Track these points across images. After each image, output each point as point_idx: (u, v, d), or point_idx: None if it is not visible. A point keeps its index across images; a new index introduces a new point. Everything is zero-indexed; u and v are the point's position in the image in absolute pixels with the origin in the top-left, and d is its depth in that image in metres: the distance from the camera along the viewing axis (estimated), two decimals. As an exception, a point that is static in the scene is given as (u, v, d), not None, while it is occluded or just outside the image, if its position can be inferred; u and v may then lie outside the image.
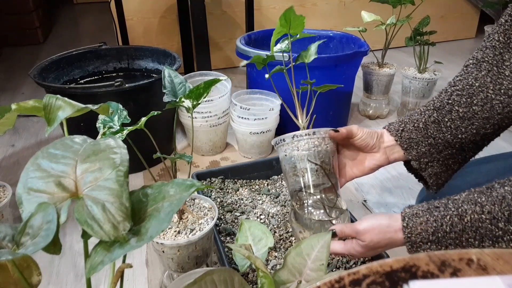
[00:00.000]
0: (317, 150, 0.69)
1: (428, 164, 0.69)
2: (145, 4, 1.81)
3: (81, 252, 0.93)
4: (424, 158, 0.68)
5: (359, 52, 1.30)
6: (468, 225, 0.53)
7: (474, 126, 0.64)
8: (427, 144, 0.67)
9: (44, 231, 0.34)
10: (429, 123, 0.67)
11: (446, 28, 2.38)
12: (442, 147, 0.67)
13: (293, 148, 0.69)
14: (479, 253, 0.32)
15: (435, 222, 0.55)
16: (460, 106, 0.64)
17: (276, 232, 0.85)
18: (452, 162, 0.69)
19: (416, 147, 0.68)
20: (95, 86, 1.05)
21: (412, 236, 0.57)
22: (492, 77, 0.61)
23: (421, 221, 0.57)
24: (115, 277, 0.39)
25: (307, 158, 0.68)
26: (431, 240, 0.56)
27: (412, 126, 0.68)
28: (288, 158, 0.70)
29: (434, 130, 0.66)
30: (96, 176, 0.37)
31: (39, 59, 2.20)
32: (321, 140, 0.69)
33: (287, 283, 0.49)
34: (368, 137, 0.70)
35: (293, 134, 0.69)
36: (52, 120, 0.46)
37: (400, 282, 0.30)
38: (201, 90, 0.71)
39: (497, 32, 0.62)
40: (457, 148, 0.67)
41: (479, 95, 0.62)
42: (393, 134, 0.69)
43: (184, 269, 0.74)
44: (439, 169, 0.69)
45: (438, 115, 0.66)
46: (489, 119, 0.63)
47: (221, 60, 2.04)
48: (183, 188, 0.40)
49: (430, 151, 0.68)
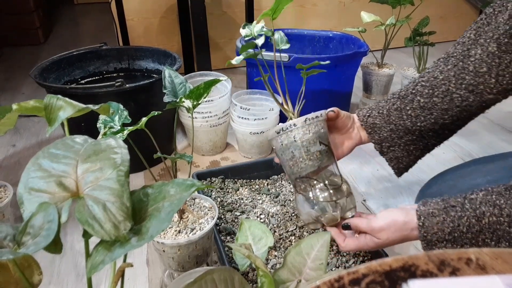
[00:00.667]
0: (324, 131, 0.71)
1: (389, 149, 0.74)
2: (145, 4, 1.81)
3: (82, 251, 0.93)
4: (385, 143, 0.73)
5: (359, 53, 1.30)
6: (486, 226, 0.53)
7: (433, 116, 0.67)
8: (388, 130, 0.72)
9: (45, 231, 0.35)
10: (392, 110, 0.71)
11: (445, 29, 2.38)
12: (402, 133, 0.71)
13: (304, 132, 0.69)
14: (478, 253, 0.32)
15: (452, 223, 0.55)
16: (422, 96, 0.68)
17: (276, 231, 0.85)
18: (413, 148, 0.73)
19: (378, 132, 0.73)
20: (95, 87, 1.05)
21: (428, 236, 0.57)
22: (456, 72, 0.64)
23: (438, 220, 0.57)
24: (116, 277, 0.39)
25: (319, 141, 0.69)
26: (447, 239, 0.56)
27: (377, 112, 0.73)
28: (299, 142, 0.68)
29: (395, 117, 0.71)
30: (97, 176, 0.37)
31: (39, 59, 2.21)
32: (323, 122, 0.71)
33: (287, 282, 0.49)
34: (347, 119, 0.76)
35: (305, 118, 0.69)
36: (53, 120, 0.46)
37: (399, 281, 0.30)
38: (201, 90, 0.71)
39: (470, 29, 0.65)
40: (417, 135, 0.71)
41: (441, 88, 0.65)
42: (360, 119, 0.75)
43: (185, 268, 0.74)
44: (400, 153, 0.74)
45: (401, 103, 0.70)
46: (447, 111, 0.66)
47: (221, 60, 2.04)
48: (183, 188, 0.40)
49: (391, 136, 0.72)
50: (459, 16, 2.41)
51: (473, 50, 0.62)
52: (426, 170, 1.18)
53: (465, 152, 1.29)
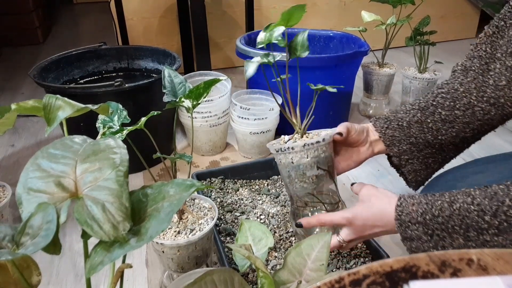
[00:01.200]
0: (325, 155, 0.68)
1: (408, 161, 0.72)
2: (145, 4, 1.81)
3: (81, 252, 0.93)
4: (404, 155, 0.72)
5: (359, 52, 1.30)
6: (456, 212, 0.54)
7: (454, 129, 0.67)
8: (408, 143, 0.70)
9: (44, 231, 0.34)
10: (412, 122, 0.69)
11: (446, 28, 2.38)
12: (422, 146, 0.70)
13: (302, 156, 0.68)
14: (479, 253, 0.32)
15: (426, 205, 0.57)
16: (443, 108, 0.66)
17: (276, 232, 0.85)
18: (432, 161, 0.72)
19: (398, 144, 0.71)
20: (95, 86, 1.05)
21: (402, 215, 0.59)
22: (476, 84, 0.64)
23: (414, 202, 0.59)
24: (115, 277, 0.39)
25: (316, 166, 0.68)
26: (419, 222, 0.57)
27: (396, 124, 0.71)
28: (295, 165, 0.69)
29: (416, 130, 0.69)
30: (96, 176, 0.37)
31: (39, 59, 2.20)
32: (328, 145, 0.69)
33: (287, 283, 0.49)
34: (359, 132, 0.73)
35: (304, 143, 0.67)
36: (52, 120, 0.46)
37: (400, 282, 0.30)
38: (201, 90, 0.71)
39: (484, 43, 0.65)
40: (437, 148, 0.70)
41: (462, 100, 0.65)
42: (378, 131, 0.73)
43: (184, 269, 0.74)
44: (419, 166, 0.72)
45: (421, 115, 0.69)
46: (469, 124, 0.65)
47: (221, 60, 2.04)
48: (183, 188, 0.40)
49: (411, 149, 0.71)
50: (460, 16, 2.41)
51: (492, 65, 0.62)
52: (426, 170, 1.18)
53: (466, 152, 1.28)
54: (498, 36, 0.64)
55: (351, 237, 0.65)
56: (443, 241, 0.56)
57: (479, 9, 2.42)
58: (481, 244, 0.53)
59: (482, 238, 0.53)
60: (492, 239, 0.52)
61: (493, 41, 0.64)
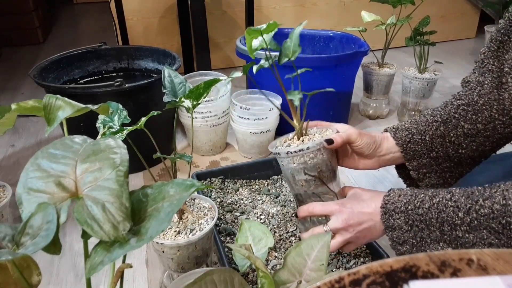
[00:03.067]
0: (313, 162, 0.67)
1: (426, 175, 0.70)
2: (145, 4, 1.81)
3: (81, 252, 0.93)
4: (423, 169, 0.70)
5: (359, 52, 1.30)
6: (434, 206, 0.57)
7: (475, 143, 0.66)
8: (429, 157, 0.69)
9: (44, 231, 0.34)
10: (435, 136, 0.67)
11: (446, 28, 2.38)
12: (442, 160, 0.69)
13: (289, 161, 0.68)
14: (479, 253, 0.32)
15: (411, 196, 0.60)
16: (466, 122, 0.65)
17: (276, 232, 0.85)
18: (449, 175, 0.71)
19: (418, 158, 0.69)
20: (95, 86, 1.05)
21: (388, 204, 0.61)
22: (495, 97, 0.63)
23: (400, 193, 0.61)
24: (115, 277, 0.39)
25: (304, 171, 0.68)
26: (402, 211, 0.59)
27: (419, 138, 0.68)
28: (286, 169, 0.70)
29: (438, 144, 0.68)
30: (96, 176, 0.37)
31: (39, 59, 2.20)
32: (316, 152, 0.67)
33: (287, 283, 0.49)
34: (365, 147, 0.70)
35: (287, 150, 0.67)
36: (52, 120, 0.46)
37: (400, 282, 0.30)
38: (201, 90, 0.71)
39: (490, 57, 0.65)
40: (455, 162, 0.69)
41: (483, 113, 0.64)
42: (399, 145, 0.70)
43: (184, 269, 0.74)
44: (436, 181, 0.71)
45: (444, 129, 0.67)
46: (489, 138, 0.65)
47: (221, 60, 2.04)
48: (183, 188, 0.40)
49: (430, 163, 0.69)
50: (460, 16, 2.41)
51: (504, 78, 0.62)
52: (426, 170, 1.18)
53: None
54: (503, 50, 0.63)
55: (338, 225, 0.65)
56: (421, 233, 0.58)
57: (479, 9, 2.42)
58: (454, 239, 0.55)
59: (454, 234, 0.55)
60: (464, 235, 0.54)
61: (498, 55, 0.64)
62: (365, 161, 0.73)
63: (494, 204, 0.52)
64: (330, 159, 0.70)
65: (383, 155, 0.71)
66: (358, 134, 0.69)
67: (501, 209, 0.51)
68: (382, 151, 0.71)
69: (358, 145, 0.69)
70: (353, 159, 0.74)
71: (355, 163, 0.74)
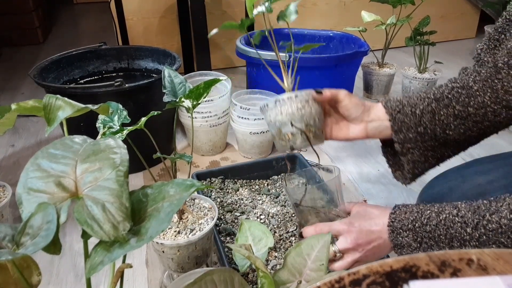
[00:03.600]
0: (300, 114, 0.67)
1: (409, 150, 0.70)
2: (145, 4, 1.81)
3: (81, 252, 0.93)
4: (408, 143, 0.69)
5: (359, 52, 1.30)
6: (442, 222, 0.57)
7: (463, 127, 0.66)
8: (416, 131, 0.68)
9: (44, 231, 0.34)
10: (426, 111, 0.67)
11: (446, 28, 2.38)
12: (428, 137, 0.68)
13: (276, 113, 0.68)
14: (479, 253, 0.32)
15: (417, 213, 0.60)
16: (458, 103, 0.66)
17: (276, 232, 0.85)
18: (431, 154, 0.70)
19: (405, 131, 0.69)
20: (95, 86, 1.05)
21: (395, 222, 0.61)
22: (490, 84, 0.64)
23: (406, 210, 0.62)
24: (115, 277, 0.39)
25: (291, 123, 0.67)
26: (409, 228, 0.60)
27: (409, 110, 0.68)
28: (273, 123, 0.69)
29: (427, 119, 0.67)
30: (96, 176, 0.37)
31: (39, 59, 2.20)
32: (304, 102, 0.67)
33: (287, 283, 0.49)
34: (353, 108, 0.69)
35: (275, 99, 0.67)
36: (52, 120, 0.46)
37: (400, 282, 0.30)
38: (201, 90, 0.71)
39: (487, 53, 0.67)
40: (441, 143, 0.69)
41: (476, 98, 0.64)
42: (388, 113, 0.69)
43: (184, 269, 0.74)
44: (418, 158, 0.70)
45: (436, 106, 0.67)
46: (478, 123, 0.65)
47: (221, 60, 2.04)
48: (183, 188, 0.40)
49: (416, 138, 0.69)
50: (460, 16, 2.41)
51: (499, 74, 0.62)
52: (426, 170, 1.18)
53: (466, 152, 1.28)
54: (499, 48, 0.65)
55: (347, 245, 0.64)
56: (431, 249, 0.59)
57: (479, 9, 2.42)
58: None
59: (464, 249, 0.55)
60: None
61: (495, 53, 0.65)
62: (353, 128, 0.71)
63: (502, 218, 0.53)
64: (318, 115, 0.69)
65: (371, 120, 0.70)
66: (347, 94, 0.69)
67: (509, 224, 0.52)
68: (371, 116, 0.70)
69: (346, 104, 0.69)
70: (342, 127, 0.73)
71: (344, 132, 0.73)
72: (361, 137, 0.72)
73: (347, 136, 0.72)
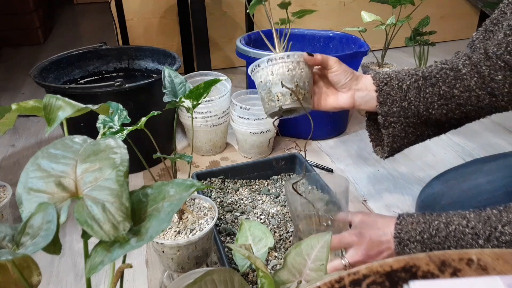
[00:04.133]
0: (291, 74, 0.68)
1: (391, 124, 0.71)
2: (145, 4, 1.81)
3: (81, 252, 0.93)
4: (391, 117, 0.70)
5: (359, 52, 1.30)
6: (452, 234, 0.56)
7: (446, 107, 0.67)
8: (400, 106, 0.69)
9: (44, 231, 0.34)
10: (412, 87, 0.68)
11: (446, 28, 2.38)
12: (410, 114, 0.69)
13: (267, 73, 0.69)
14: (479, 253, 0.32)
15: (424, 224, 0.59)
16: (445, 83, 0.66)
17: (276, 232, 0.85)
18: (411, 131, 0.71)
19: (390, 104, 0.70)
20: (95, 86, 1.05)
21: (401, 233, 0.60)
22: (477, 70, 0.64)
23: (413, 220, 0.60)
24: (115, 277, 0.39)
25: (281, 82, 0.68)
26: (417, 240, 0.59)
27: (396, 83, 0.69)
28: (263, 83, 0.70)
29: (413, 95, 0.68)
30: (96, 176, 0.37)
31: (39, 59, 2.20)
32: (296, 64, 0.69)
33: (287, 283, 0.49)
34: (342, 74, 0.71)
35: (268, 58, 0.68)
36: (52, 120, 0.46)
37: (400, 282, 0.30)
38: (201, 90, 0.71)
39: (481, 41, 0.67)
40: (422, 121, 0.70)
41: (463, 81, 0.65)
42: (376, 84, 0.70)
43: (184, 269, 0.74)
44: (399, 133, 0.71)
45: (423, 83, 0.68)
46: (460, 106, 0.66)
47: (221, 60, 2.04)
48: (183, 188, 0.40)
49: (399, 113, 0.70)
50: (460, 16, 2.41)
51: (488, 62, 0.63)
52: (426, 170, 1.18)
53: (465, 152, 1.29)
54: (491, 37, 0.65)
55: (358, 257, 0.64)
56: None
57: (478, 9, 2.42)
58: None
59: None
60: None
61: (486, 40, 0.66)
62: (341, 96, 0.73)
63: None
64: (308, 78, 0.70)
65: (359, 89, 0.71)
66: (336, 60, 0.71)
67: None
68: (359, 85, 0.72)
69: (335, 70, 0.71)
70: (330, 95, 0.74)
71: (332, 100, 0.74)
72: (348, 106, 0.73)
73: (335, 104, 0.73)
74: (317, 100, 0.74)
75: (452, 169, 0.83)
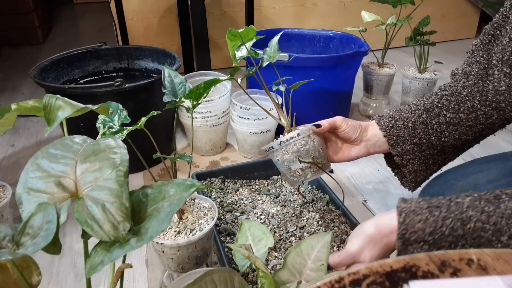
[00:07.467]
0: (305, 149, 0.71)
1: (409, 161, 0.72)
2: (145, 4, 1.81)
3: (81, 252, 0.93)
4: (407, 155, 0.72)
5: (359, 52, 1.30)
6: (470, 231, 0.51)
7: (457, 132, 0.67)
8: (412, 143, 0.71)
9: (44, 231, 0.34)
10: (417, 123, 0.70)
11: (446, 28, 2.38)
12: (425, 147, 0.71)
13: (283, 153, 0.72)
14: (479, 253, 0.32)
15: (435, 223, 0.52)
16: (448, 111, 0.67)
17: (276, 232, 0.85)
18: (432, 162, 0.73)
19: (401, 144, 0.71)
20: (95, 86, 1.05)
21: (406, 234, 0.54)
22: (478, 88, 0.65)
23: (420, 219, 0.53)
24: (115, 277, 0.39)
25: (298, 159, 0.71)
26: (426, 241, 0.53)
27: (401, 123, 0.71)
28: (281, 162, 0.74)
29: (421, 130, 0.70)
30: (96, 176, 0.37)
31: (39, 59, 2.20)
32: (307, 138, 0.72)
33: (287, 283, 0.49)
34: (351, 131, 0.73)
35: (279, 141, 0.72)
36: (52, 120, 0.46)
37: (400, 282, 0.30)
38: (201, 90, 0.71)
39: (481, 49, 0.67)
40: (439, 150, 0.71)
41: (466, 104, 0.66)
42: (382, 129, 0.72)
43: (184, 269, 0.74)
44: (419, 167, 0.73)
45: (427, 116, 0.69)
46: (472, 127, 0.66)
47: (221, 60, 2.04)
48: (183, 188, 0.40)
49: (413, 149, 0.71)
50: (460, 16, 2.41)
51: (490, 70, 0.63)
52: (426, 170, 1.18)
53: (466, 152, 1.29)
54: (494, 44, 0.65)
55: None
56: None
57: (479, 9, 2.42)
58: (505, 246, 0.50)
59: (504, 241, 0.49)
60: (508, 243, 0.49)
61: (489, 48, 0.66)
62: (354, 148, 0.75)
63: None
64: (321, 146, 0.73)
65: (369, 139, 0.74)
66: (343, 119, 0.73)
67: None
68: (368, 135, 0.74)
69: (344, 129, 0.73)
70: (344, 149, 0.77)
71: (346, 153, 0.76)
72: (363, 155, 0.75)
73: (350, 157, 0.76)
74: (332, 155, 0.77)
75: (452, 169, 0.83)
